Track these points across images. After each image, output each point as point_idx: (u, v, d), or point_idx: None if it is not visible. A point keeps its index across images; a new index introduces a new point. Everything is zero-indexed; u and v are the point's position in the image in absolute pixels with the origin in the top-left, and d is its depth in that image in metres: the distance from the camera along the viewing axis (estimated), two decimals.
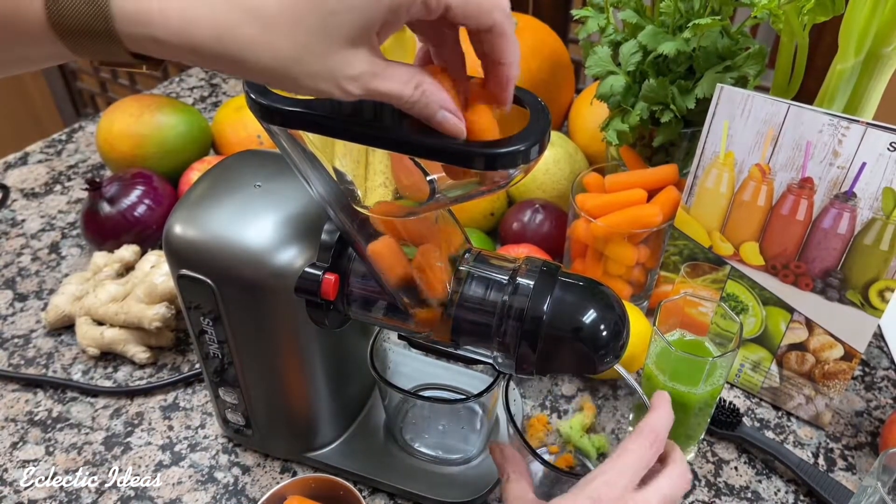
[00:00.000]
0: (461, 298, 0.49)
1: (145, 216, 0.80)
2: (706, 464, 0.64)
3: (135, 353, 0.71)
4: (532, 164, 0.40)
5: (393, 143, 0.39)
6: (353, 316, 0.53)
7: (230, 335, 0.55)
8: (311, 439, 0.62)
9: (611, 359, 0.48)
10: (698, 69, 0.68)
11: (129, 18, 0.31)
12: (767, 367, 0.68)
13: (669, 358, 0.57)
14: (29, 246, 0.86)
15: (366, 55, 0.35)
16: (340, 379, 0.60)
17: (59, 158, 1.01)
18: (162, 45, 0.32)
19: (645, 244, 0.71)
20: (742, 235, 0.64)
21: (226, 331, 0.55)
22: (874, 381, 0.72)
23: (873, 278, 0.59)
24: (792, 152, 0.59)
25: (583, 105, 0.91)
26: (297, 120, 0.40)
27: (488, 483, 0.61)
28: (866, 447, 0.66)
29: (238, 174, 0.54)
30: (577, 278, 0.49)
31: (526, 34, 0.88)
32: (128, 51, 0.33)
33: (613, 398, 0.63)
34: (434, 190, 0.42)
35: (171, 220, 0.52)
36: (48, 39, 0.32)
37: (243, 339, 0.55)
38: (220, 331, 0.55)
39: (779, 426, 0.68)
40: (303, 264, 0.50)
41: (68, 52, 0.33)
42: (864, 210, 0.57)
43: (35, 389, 0.70)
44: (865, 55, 0.59)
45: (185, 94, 1.15)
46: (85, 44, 0.32)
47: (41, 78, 2.01)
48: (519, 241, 0.78)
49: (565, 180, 0.83)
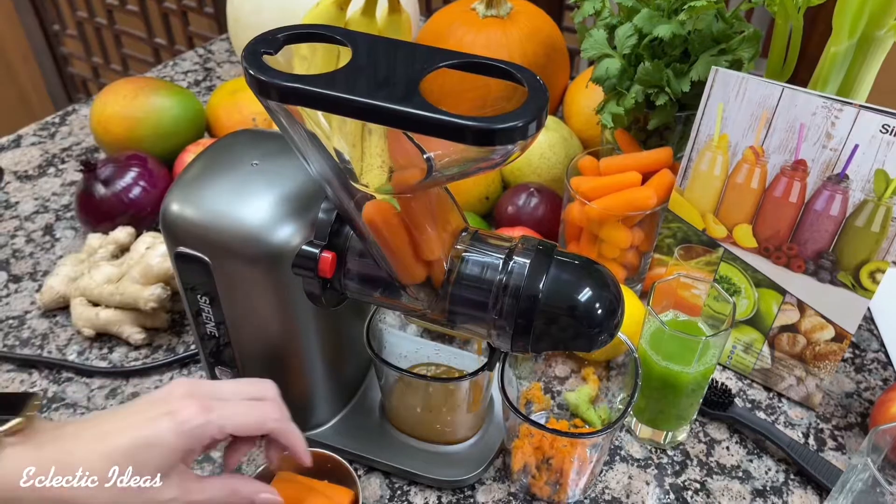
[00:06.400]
0: (458, 277, 0.49)
1: (140, 198, 0.79)
2: (698, 444, 0.65)
3: (130, 333, 0.71)
4: (529, 140, 0.40)
5: (390, 118, 0.39)
6: (350, 294, 0.54)
7: (227, 314, 0.55)
8: (308, 418, 0.62)
9: (605, 337, 0.49)
10: (693, 52, 0.69)
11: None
12: (759, 348, 0.68)
13: (663, 337, 0.58)
14: (23, 228, 0.86)
15: (176, 481, 0.45)
16: (337, 359, 0.61)
17: (52, 141, 1.00)
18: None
19: (639, 227, 0.71)
20: (735, 218, 0.64)
21: (222, 310, 0.55)
22: (864, 364, 0.73)
23: (864, 260, 0.59)
24: (785, 135, 0.59)
25: (578, 89, 0.92)
26: (294, 95, 0.40)
27: (482, 461, 0.61)
28: (856, 427, 0.67)
29: (235, 153, 0.54)
30: (572, 257, 0.49)
31: (521, 19, 0.88)
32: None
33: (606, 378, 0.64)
34: (431, 167, 0.43)
35: (168, 198, 0.52)
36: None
37: (240, 317, 0.55)
38: (216, 310, 0.55)
39: (770, 407, 0.68)
40: (300, 242, 0.50)
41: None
42: (856, 192, 0.58)
43: (30, 370, 0.70)
44: (859, 38, 0.60)
45: (179, 77, 1.15)
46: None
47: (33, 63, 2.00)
48: (514, 224, 0.79)
49: (560, 164, 0.84)
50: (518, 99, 0.41)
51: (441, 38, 0.88)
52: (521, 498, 0.61)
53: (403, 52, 0.44)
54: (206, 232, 0.51)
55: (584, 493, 0.61)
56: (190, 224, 0.51)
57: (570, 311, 0.47)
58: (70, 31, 1.90)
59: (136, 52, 1.85)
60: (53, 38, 1.94)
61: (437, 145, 0.41)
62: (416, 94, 0.39)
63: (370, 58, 0.42)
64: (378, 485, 0.61)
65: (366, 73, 0.41)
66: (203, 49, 1.22)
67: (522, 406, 0.64)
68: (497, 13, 0.87)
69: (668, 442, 0.64)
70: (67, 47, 1.97)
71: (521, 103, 0.39)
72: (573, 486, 0.59)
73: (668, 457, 0.64)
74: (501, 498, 0.60)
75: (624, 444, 0.65)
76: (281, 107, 0.42)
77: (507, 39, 0.85)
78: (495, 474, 0.62)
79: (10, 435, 0.43)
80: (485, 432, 0.64)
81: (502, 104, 0.41)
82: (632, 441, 0.65)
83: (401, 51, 0.44)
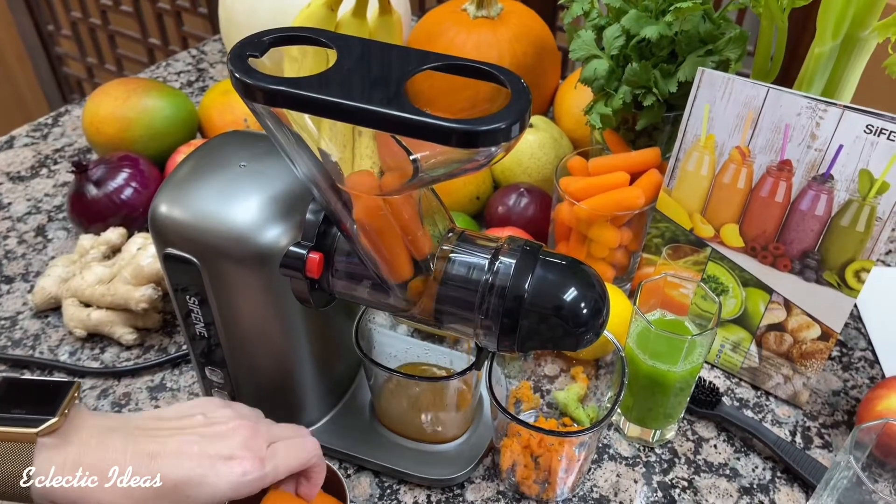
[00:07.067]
0: (444, 277, 0.50)
1: (132, 199, 0.80)
2: (686, 442, 0.66)
3: (121, 334, 0.72)
4: (513, 142, 0.40)
5: (374, 121, 0.39)
6: (338, 294, 0.54)
7: (216, 315, 0.55)
8: (298, 418, 0.63)
9: (591, 336, 0.49)
10: (680, 53, 0.69)
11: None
12: (747, 347, 0.69)
13: (649, 336, 0.58)
14: (15, 229, 0.86)
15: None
16: (326, 359, 0.61)
17: (45, 142, 1.00)
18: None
19: (628, 227, 0.72)
20: (722, 217, 0.65)
21: (212, 311, 0.55)
22: (851, 362, 0.73)
23: (850, 259, 0.60)
24: (771, 135, 0.59)
25: (568, 90, 0.92)
26: (280, 98, 0.40)
27: (472, 460, 0.62)
28: (842, 425, 0.67)
29: (223, 154, 0.54)
30: (558, 257, 0.50)
31: (512, 19, 0.88)
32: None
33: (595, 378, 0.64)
34: (417, 169, 0.43)
35: (156, 200, 0.52)
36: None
37: (229, 318, 0.55)
38: (206, 311, 0.55)
39: (757, 405, 0.69)
40: (288, 243, 0.51)
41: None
42: (841, 192, 0.58)
43: (22, 370, 0.71)
44: (843, 39, 0.60)
45: (171, 78, 1.15)
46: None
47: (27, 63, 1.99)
48: (504, 224, 0.79)
49: (550, 164, 0.84)
50: (503, 100, 0.41)
51: (432, 38, 0.88)
52: (510, 496, 0.61)
53: (388, 54, 0.44)
54: (194, 233, 0.51)
55: (572, 492, 0.61)
56: (179, 225, 0.51)
57: (555, 311, 0.48)
58: (64, 31, 1.91)
59: (131, 53, 1.85)
60: (48, 38, 1.94)
61: (422, 147, 0.42)
62: (401, 96, 0.40)
63: (355, 60, 0.43)
64: (368, 484, 0.62)
65: (350, 75, 0.42)
66: (196, 50, 1.22)
67: (512, 405, 0.65)
68: (488, 14, 0.87)
69: (657, 440, 0.65)
70: (62, 47, 1.97)
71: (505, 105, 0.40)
72: (561, 485, 0.60)
73: (657, 455, 0.64)
74: (490, 496, 0.61)
75: (612, 442, 0.65)
76: (266, 109, 0.42)
77: (497, 40, 0.86)
78: (484, 473, 0.63)
79: (46, 435, 0.41)
80: (474, 431, 0.64)
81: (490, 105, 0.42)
82: (620, 439, 0.66)
83: (386, 53, 0.44)
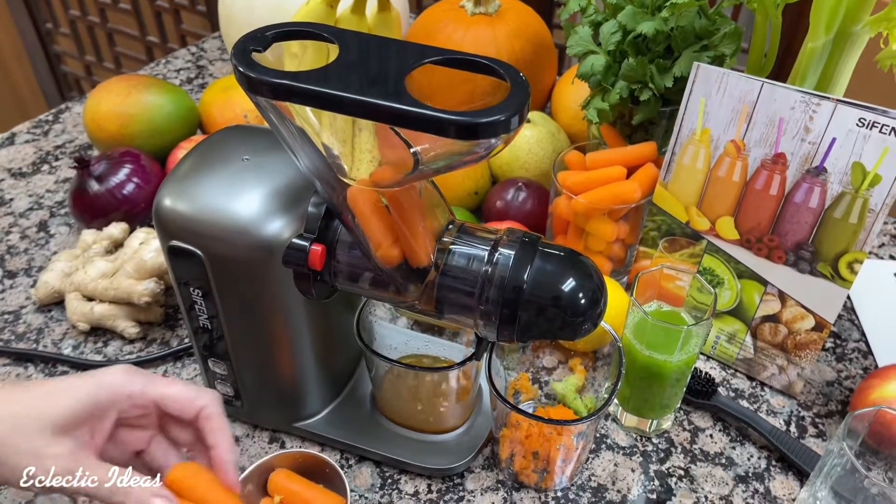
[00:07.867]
0: (445, 268, 0.51)
1: (133, 194, 0.80)
2: (682, 431, 0.66)
3: (124, 327, 0.72)
4: (512, 134, 0.41)
5: (376, 113, 0.40)
6: (340, 286, 0.55)
7: (219, 307, 0.56)
8: (300, 409, 0.64)
9: (589, 325, 0.50)
10: (676, 48, 0.70)
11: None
12: (742, 338, 0.70)
13: (646, 327, 0.59)
14: (17, 225, 0.87)
15: (70, 445, 0.42)
16: (328, 350, 0.62)
17: (46, 139, 1.01)
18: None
19: (625, 220, 0.73)
20: (718, 210, 0.66)
21: (215, 303, 0.56)
22: (845, 353, 0.74)
23: (843, 251, 0.61)
24: (765, 129, 0.60)
25: (565, 86, 0.93)
26: (283, 91, 0.41)
27: (471, 450, 0.62)
28: (836, 415, 0.68)
29: (226, 148, 0.55)
30: (556, 248, 0.51)
31: (509, 16, 0.89)
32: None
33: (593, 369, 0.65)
34: (418, 161, 0.44)
35: (160, 193, 0.53)
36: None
37: (232, 310, 0.56)
38: (209, 303, 0.56)
39: (752, 395, 0.70)
40: (290, 235, 0.51)
41: None
42: (835, 184, 0.59)
43: (26, 364, 0.71)
44: (836, 33, 0.61)
45: (171, 75, 1.15)
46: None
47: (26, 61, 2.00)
48: (502, 218, 0.80)
49: (548, 159, 0.85)
50: (502, 94, 0.42)
51: (430, 35, 0.89)
52: (509, 485, 0.62)
53: (389, 48, 0.45)
54: (198, 225, 0.52)
55: (570, 481, 0.62)
56: (182, 218, 0.52)
57: (553, 301, 0.49)
58: (63, 29, 1.91)
59: (129, 51, 1.85)
60: (46, 36, 1.94)
61: (423, 139, 0.42)
62: (402, 89, 0.41)
63: (357, 55, 0.44)
64: (369, 474, 0.63)
65: (352, 69, 0.42)
66: (195, 47, 1.23)
67: (511, 396, 0.66)
68: (485, 10, 0.88)
69: (653, 430, 0.66)
70: (60, 45, 1.97)
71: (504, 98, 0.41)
72: (560, 474, 0.60)
73: (653, 444, 0.65)
74: (490, 485, 0.62)
75: (610, 432, 0.66)
76: (270, 103, 0.43)
77: (494, 36, 0.87)
78: (484, 462, 0.63)
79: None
80: (473, 421, 0.65)
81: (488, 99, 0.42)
82: (617, 429, 0.66)
83: (387, 48, 0.45)
